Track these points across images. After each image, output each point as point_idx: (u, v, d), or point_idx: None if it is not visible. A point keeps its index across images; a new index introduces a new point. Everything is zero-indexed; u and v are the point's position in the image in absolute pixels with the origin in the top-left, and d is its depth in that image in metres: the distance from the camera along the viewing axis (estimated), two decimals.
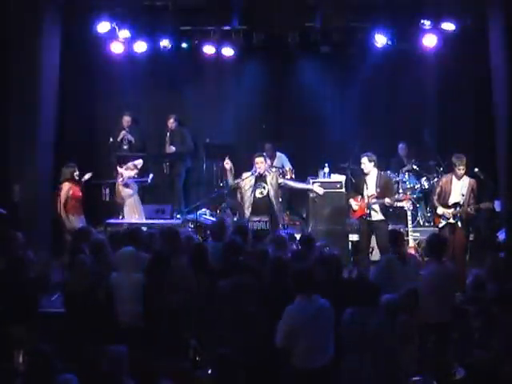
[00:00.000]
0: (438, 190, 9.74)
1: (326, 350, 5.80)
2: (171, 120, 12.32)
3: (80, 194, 10.06)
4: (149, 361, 5.82)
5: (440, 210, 9.57)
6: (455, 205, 9.45)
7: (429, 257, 7.27)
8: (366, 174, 9.86)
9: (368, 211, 9.78)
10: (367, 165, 9.81)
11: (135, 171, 10.65)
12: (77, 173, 10.01)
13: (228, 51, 11.90)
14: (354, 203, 9.93)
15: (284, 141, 12.47)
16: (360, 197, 9.91)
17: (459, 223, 9.47)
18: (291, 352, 5.83)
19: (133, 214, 10.45)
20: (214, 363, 5.16)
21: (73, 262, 7.22)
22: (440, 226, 9.63)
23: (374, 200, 9.75)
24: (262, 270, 6.83)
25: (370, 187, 9.83)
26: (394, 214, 10.88)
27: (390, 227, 9.92)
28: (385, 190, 9.77)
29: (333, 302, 5.96)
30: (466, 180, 9.52)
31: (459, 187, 9.51)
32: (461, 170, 9.45)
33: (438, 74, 12.19)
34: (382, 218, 9.77)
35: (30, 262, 7.46)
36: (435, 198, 9.70)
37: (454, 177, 9.56)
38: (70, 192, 9.87)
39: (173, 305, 6.71)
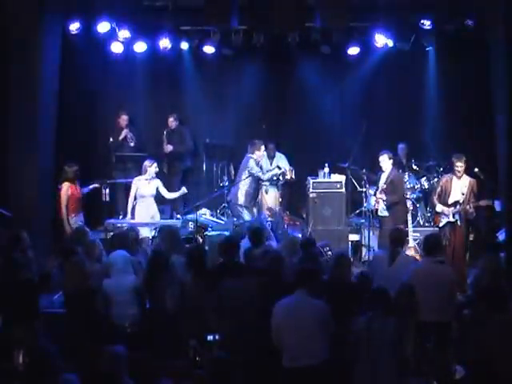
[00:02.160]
0: (438, 189, 9.79)
1: (312, 349, 5.71)
2: (171, 119, 12.31)
3: (79, 193, 10.10)
4: (149, 361, 5.82)
5: (439, 208, 9.61)
6: (455, 203, 9.49)
7: (424, 255, 7.30)
8: (383, 171, 10.01)
9: (376, 206, 9.91)
10: (386, 162, 10.05)
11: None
12: (77, 173, 10.06)
13: (228, 51, 11.89)
14: (374, 198, 10.12)
15: (284, 141, 12.47)
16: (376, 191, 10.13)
17: (459, 222, 9.51)
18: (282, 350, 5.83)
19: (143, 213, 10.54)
20: (210, 365, 5.16)
21: (68, 262, 7.23)
22: (440, 225, 9.66)
23: (381, 195, 9.90)
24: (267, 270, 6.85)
25: (381, 183, 10.00)
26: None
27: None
28: (390, 186, 9.89)
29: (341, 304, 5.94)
30: (467, 180, 9.56)
31: (459, 187, 9.56)
32: (458, 167, 9.52)
33: (438, 74, 12.18)
34: (387, 214, 9.91)
35: (29, 262, 7.46)
36: (435, 197, 9.75)
37: (454, 176, 9.60)
38: (69, 192, 9.91)
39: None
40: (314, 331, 5.73)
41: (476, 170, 10.30)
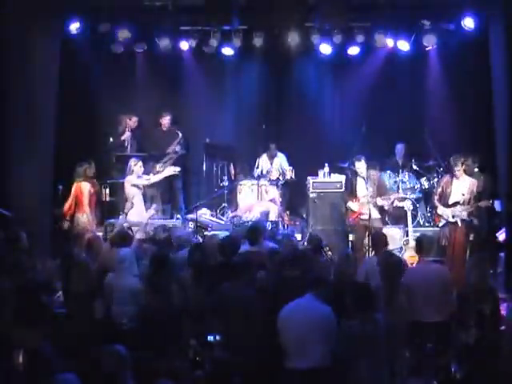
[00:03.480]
0: (438, 190, 9.83)
1: (311, 353, 5.68)
2: (166, 120, 12.25)
3: (91, 191, 10.15)
4: (149, 361, 5.81)
5: (440, 210, 9.64)
6: (455, 204, 9.51)
7: (419, 256, 7.31)
8: (359, 176, 10.03)
9: (365, 211, 9.91)
10: (365, 167, 10.03)
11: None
12: (91, 170, 10.08)
13: (228, 51, 11.90)
14: (354, 204, 10.06)
15: (284, 141, 12.47)
16: (355, 198, 10.10)
17: (459, 222, 9.54)
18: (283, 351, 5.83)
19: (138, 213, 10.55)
20: (210, 366, 5.15)
21: (75, 263, 7.24)
22: (440, 224, 9.69)
23: (370, 199, 9.94)
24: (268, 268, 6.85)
25: (361, 187, 10.01)
26: (394, 215, 10.93)
27: (387, 228, 10.11)
28: (376, 188, 9.94)
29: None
30: (467, 180, 9.60)
31: (460, 187, 9.59)
32: (459, 170, 9.60)
33: (438, 73, 12.19)
34: (378, 217, 9.95)
35: (33, 263, 7.46)
36: (436, 197, 9.80)
37: (454, 177, 9.64)
38: (90, 189, 10.00)
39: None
40: (316, 336, 5.69)
41: (476, 170, 10.30)
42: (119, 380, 5.07)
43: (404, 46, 11.57)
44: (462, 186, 9.59)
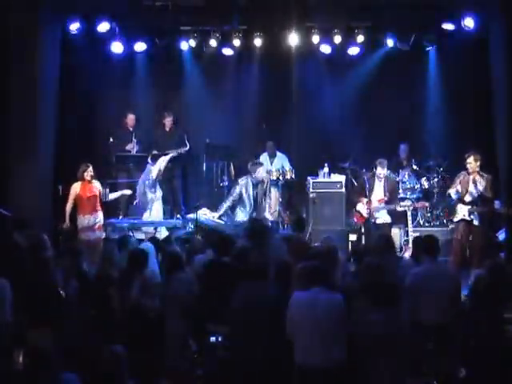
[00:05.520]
0: (457, 187, 9.74)
1: (327, 348, 5.57)
2: (168, 119, 12.25)
3: (88, 193, 10.01)
4: (149, 361, 5.81)
5: (458, 207, 9.63)
6: (471, 203, 9.51)
7: (425, 256, 7.28)
8: (378, 179, 10.14)
9: (375, 214, 9.97)
10: (385, 170, 10.20)
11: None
12: (88, 173, 9.97)
13: (228, 51, 11.90)
14: (363, 208, 10.08)
15: (284, 141, 12.47)
16: (366, 200, 10.08)
17: (476, 221, 9.52)
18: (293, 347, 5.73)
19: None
20: (214, 366, 5.14)
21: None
22: (455, 220, 9.67)
23: (383, 205, 9.94)
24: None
25: (378, 191, 10.00)
26: (394, 215, 10.95)
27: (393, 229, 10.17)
28: (393, 193, 9.95)
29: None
30: (481, 178, 9.57)
31: (474, 185, 9.58)
32: (467, 164, 9.54)
33: (438, 73, 12.19)
34: (389, 221, 9.99)
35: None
36: (453, 190, 9.73)
37: (468, 175, 9.63)
38: (76, 191, 9.92)
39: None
40: (330, 329, 5.60)
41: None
42: (118, 380, 5.07)
43: (404, 46, 11.57)
44: (477, 183, 9.56)
